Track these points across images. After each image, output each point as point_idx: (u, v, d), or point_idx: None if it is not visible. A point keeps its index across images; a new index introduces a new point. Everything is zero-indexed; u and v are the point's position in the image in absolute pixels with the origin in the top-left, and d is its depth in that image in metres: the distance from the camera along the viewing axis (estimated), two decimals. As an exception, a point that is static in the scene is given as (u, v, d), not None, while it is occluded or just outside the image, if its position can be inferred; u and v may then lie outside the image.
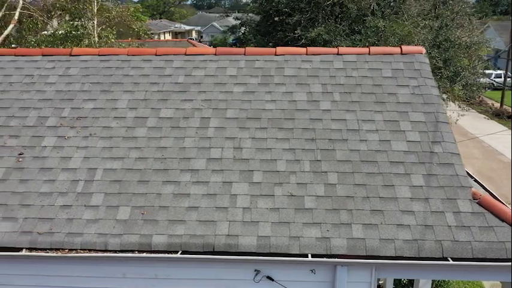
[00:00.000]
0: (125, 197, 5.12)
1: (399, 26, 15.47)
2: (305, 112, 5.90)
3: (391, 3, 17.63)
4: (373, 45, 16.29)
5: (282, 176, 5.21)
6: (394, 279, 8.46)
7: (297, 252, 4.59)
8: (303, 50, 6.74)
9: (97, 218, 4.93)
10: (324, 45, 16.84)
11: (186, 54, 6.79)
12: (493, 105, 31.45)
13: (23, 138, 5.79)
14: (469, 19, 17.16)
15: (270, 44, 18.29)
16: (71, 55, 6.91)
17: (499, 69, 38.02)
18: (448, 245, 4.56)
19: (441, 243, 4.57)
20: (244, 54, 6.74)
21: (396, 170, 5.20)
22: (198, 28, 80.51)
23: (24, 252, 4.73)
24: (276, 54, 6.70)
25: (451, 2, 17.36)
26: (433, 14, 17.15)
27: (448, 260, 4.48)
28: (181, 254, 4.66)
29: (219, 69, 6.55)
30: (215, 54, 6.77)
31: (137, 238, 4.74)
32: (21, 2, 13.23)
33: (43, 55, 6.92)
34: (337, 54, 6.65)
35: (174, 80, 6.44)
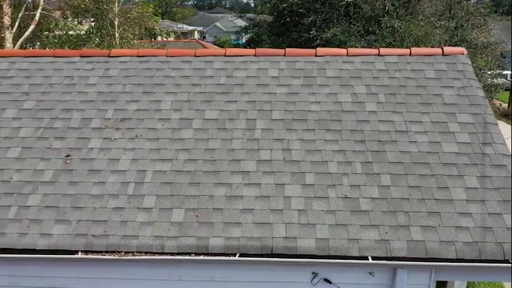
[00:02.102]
0: (177, 199, 5.09)
1: (416, 26, 15.45)
2: (351, 113, 5.88)
3: (406, 4, 17.60)
4: (389, 46, 16.29)
5: (335, 178, 5.19)
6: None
7: (357, 255, 4.56)
8: (343, 51, 6.72)
9: (151, 220, 4.91)
10: (339, 46, 16.79)
11: (225, 55, 6.77)
12: (501, 105, 31.46)
13: (69, 140, 5.77)
14: (484, 19, 17.14)
15: (284, 44, 18.25)
16: (109, 56, 6.88)
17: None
18: (508, 247, 4.54)
19: (502, 245, 4.54)
20: (284, 55, 6.72)
21: (449, 171, 5.18)
22: (200, 28, 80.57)
23: (80, 255, 4.70)
24: (316, 55, 6.68)
25: (465, 2, 17.36)
26: (448, 15, 17.14)
27: (510, 262, 4.46)
28: (239, 256, 4.63)
29: (260, 71, 6.53)
30: (255, 55, 6.75)
31: (194, 241, 4.72)
32: (41, 2, 13.22)
33: (81, 56, 6.90)
34: (378, 55, 6.63)
35: (216, 81, 6.41)
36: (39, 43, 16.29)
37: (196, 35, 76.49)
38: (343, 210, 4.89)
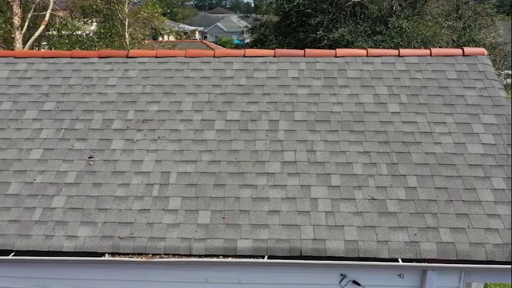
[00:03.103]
0: (202, 200, 5.07)
1: (425, 27, 15.46)
2: (374, 114, 5.86)
3: (413, 4, 17.60)
4: (396, 47, 16.28)
5: (360, 179, 5.17)
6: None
7: (386, 257, 4.54)
8: (363, 51, 6.70)
9: (177, 222, 4.88)
10: (346, 46, 16.84)
11: (244, 56, 6.75)
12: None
13: (91, 141, 5.74)
14: (492, 19, 17.15)
15: (291, 45, 18.26)
16: (127, 57, 6.86)
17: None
18: (538, 249, 4.51)
19: (532, 247, 4.52)
20: (304, 56, 6.69)
21: (476, 173, 5.16)
22: (201, 29, 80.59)
23: (108, 257, 4.67)
24: (336, 56, 6.66)
25: (472, 2, 17.37)
26: (456, 15, 17.13)
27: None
28: (267, 258, 4.61)
29: (280, 71, 6.51)
30: (274, 56, 6.73)
31: (222, 242, 4.69)
32: (51, 2, 13.19)
33: (100, 57, 6.87)
34: (398, 56, 6.61)
35: (236, 82, 6.39)
36: (44, 43, 16.27)
37: (197, 35, 76.45)
38: (370, 212, 4.86)
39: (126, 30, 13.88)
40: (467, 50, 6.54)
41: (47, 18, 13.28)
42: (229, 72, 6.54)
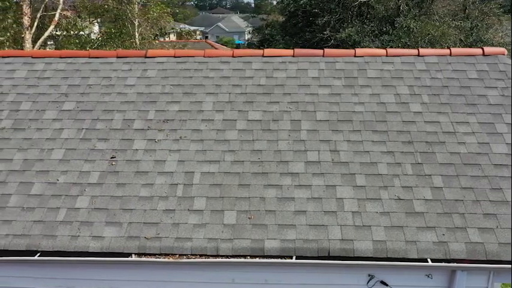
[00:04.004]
0: (227, 201, 5.04)
1: (433, 26, 15.45)
2: (396, 114, 5.84)
3: (419, 4, 17.58)
4: (404, 47, 16.28)
5: (386, 179, 5.15)
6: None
7: (415, 257, 4.52)
8: (383, 51, 6.68)
9: (203, 222, 4.86)
10: (353, 46, 16.83)
11: (263, 56, 6.73)
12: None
13: (112, 141, 5.72)
14: (499, 19, 17.14)
15: (297, 45, 18.24)
16: (146, 57, 6.84)
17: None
18: None
19: (561, 247, 4.51)
20: (323, 56, 6.67)
21: (501, 173, 5.14)
22: (202, 29, 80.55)
23: (135, 258, 4.65)
24: (355, 56, 6.64)
25: (479, 2, 17.36)
26: (463, 15, 17.12)
27: None
28: (295, 259, 4.59)
29: (300, 71, 6.49)
30: (293, 56, 6.71)
31: (249, 243, 4.67)
32: (61, 2, 13.17)
33: (117, 57, 6.85)
34: (418, 55, 6.59)
35: (256, 82, 6.37)
36: (50, 42, 16.21)
37: (199, 35, 76.40)
38: (397, 212, 4.84)
39: (136, 30, 13.87)
40: (487, 49, 6.52)
41: (56, 18, 13.27)
42: (249, 72, 6.52)
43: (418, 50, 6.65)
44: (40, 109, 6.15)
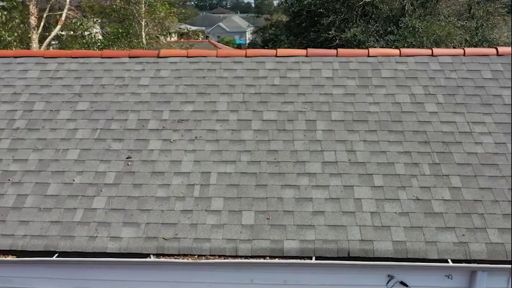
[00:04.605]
0: (245, 201, 5.03)
1: (438, 26, 15.44)
2: (412, 114, 5.82)
3: (424, 3, 17.57)
4: (409, 46, 16.27)
5: (403, 180, 5.13)
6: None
7: (435, 258, 4.51)
8: (396, 51, 6.66)
9: (221, 223, 4.84)
10: (358, 46, 16.83)
11: (276, 56, 6.71)
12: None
13: (127, 141, 5.70)
14: (504, 19, 17.13)
15: (302, 45, 18.22)
16: (158, 57, 6.82)
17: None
18: None
19: None
20: (337, 56, 6.66)
21: (519, 173, 5.13)
22: (203, 29, 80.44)
23: (153, 259, 4.64)
24: (369, 56, 6.62)
25: (483, 2, 17.35)
26: (468, 15, 17.12)
27: None
28: (315, 259, 4.57)
29: (314, 71, 6.47)
30: (306, 56, 6.69)
31: (268, 243, 4.66)
32: (68, 2, 13.15)
33: (130, 57, 6.83)
34: (432, 55, 6.58)
35: (270, 82, 6.36)
36: (54, 42, 16.17)
37: (203, 36, 76.27)
38: (416, 212, 4.83)
39: (143, 29, 13.85)
40: (501, 49, 6.51)
41: (63, 18, 13.25)
42: (262, 72, 6.50)
43: (432, 49, 6.64)
44: (54, 109, 6.13)
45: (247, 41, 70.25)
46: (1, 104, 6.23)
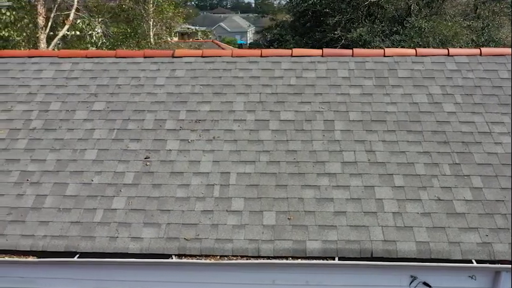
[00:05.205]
0: (265, 201, 5.01)
1: (445, 26, 15.42)
2: (430, 114, 5.81)
3: (430, 3, 17.56)
4: (416, 46, 16.24)
5: (424, 180, 5.12)
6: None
7: (459, 258, 4.49)
8: (412, 51, 6.65)
9: (242, 223, 4.83)
10: (363, 46, 16.81)
11: (292, 56, 6.70)
12: None
13: (145, 141, 5.69)
14: (510, 19, 17.12)
15: (308, 45, 18.21)
16: (173, 57, 6.81)
17: None
18: None
19: None
20: (352, 56, 6.64)
21: (541, 173, 5.11)
22: (204, 28, 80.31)
23: (175, 259, 4.62)
24: (385, 56, 6.61)
25: (489, 2, 17.34)
26: (474, 15, 17.11)
27: None
28: (338, 260, 4.56)
29: (330, 71, 6.46)
30: (322, 56, 6.68)
31: (290, 244, 4.64)
32: (76, 2, 13.13)
33: (145, 57, 6.82)
34: (448, 55, 6.57)
35: (286, 82, 6.34)
36: (58, 42, 16.14)
37: (200, 35, 76.29)
38: (438, 213, 4.81)
39: (151, 29, 13.83)
40: (518, 49, 6.50)
41: (71, 18, 13.24)
42: (278, 72, 6.49)
43: (448, 49, 6.63)
44: (70, 109, 6.11)
45: (248, 41, 70.35)
46: (17, 104, 6.21)
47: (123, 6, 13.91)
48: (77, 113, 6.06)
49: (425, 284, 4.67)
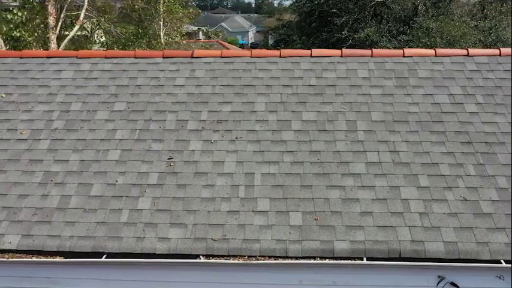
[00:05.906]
0: (291, 201, 5.01)
1: (453, 27, 15.43)
2: (452, 115, 5.81)
3: (437, 4, 17.56)
4: (423, 47, 16.25)
5: (449, 180, 5.12)
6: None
7: (488, 258, 4.49)
8: (431, 51, 6.66)
9: (269, 223, 4.83)
10: (370, 46, 16.80)
11: (311, 56, 6.70)
12: None
13: (168, 142, 5.69)
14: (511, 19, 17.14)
15: (314, 45, 18.20)
16: (192, 57, 6.81)
17: None
18: None
19: None
20: (371, 56, 6.65)
21: None
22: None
23: (203, 260, 4.62)
24: (404, 56, 6.62)
25: (497, 2, 17.35)
26: (481, 15, 17.12)
27: None
28: (366, 260, 4.56)
29: (350, 71, 6.46)
30: (341, 56, 6.68)
31: (318, 244, 4.64)
32: (86, 2, 13.13)
33: (164, 57, 6.82)
34: (467, 55, 6.57)
35: (307, 82, 6.35)
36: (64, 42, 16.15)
37: (201, 35, 76.27)
38: (465, 213, 4.81)
39: (162, 29, 13.84)
40: (537, 49, 6.50)
41: (81, 18, 13.24)
42: (298, 72, 6.49)
43: (467, 50, 6.64)
44: (91, 110, 6.12)
45: (250, 41, 70.31)
46: (38, 105, 6.21)
47: (135, 6, 13.92)
48: (98, 114, 6.06)
49: (452, 284, 4.67)
